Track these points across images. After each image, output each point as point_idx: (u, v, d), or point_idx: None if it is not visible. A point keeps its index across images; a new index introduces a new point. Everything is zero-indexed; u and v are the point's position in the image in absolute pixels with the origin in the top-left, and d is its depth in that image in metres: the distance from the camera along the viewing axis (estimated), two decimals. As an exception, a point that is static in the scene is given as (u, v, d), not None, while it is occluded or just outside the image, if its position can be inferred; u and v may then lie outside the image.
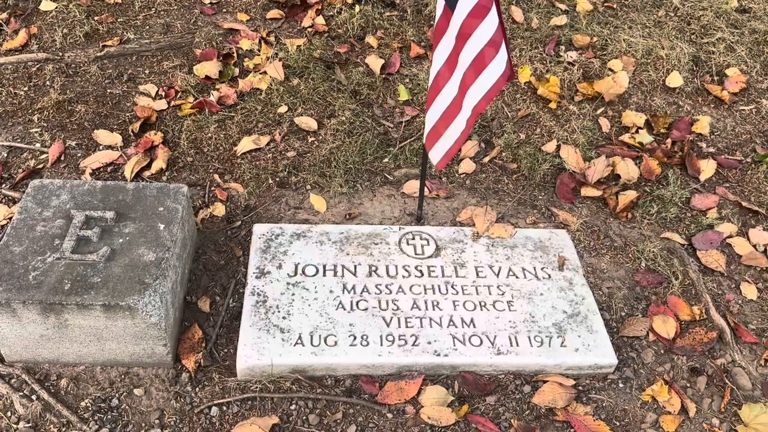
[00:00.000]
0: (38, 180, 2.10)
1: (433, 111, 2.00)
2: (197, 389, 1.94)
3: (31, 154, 2.62)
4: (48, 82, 2.93)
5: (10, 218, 2.30)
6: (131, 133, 2.71)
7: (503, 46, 1.65)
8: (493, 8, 1.64)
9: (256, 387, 1.95)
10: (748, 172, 2.83)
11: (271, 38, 3.26)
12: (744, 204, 2.67)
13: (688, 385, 2.08)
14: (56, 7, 3.31)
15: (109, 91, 2.93)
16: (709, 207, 2.65)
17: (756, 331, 2.24)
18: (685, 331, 2.21)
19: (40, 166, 2.56)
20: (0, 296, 1.75)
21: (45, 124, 2.74)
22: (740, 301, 2.33)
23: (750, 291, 2.36)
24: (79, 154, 2.62)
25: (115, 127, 2.75)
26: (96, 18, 3.28)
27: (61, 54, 3.09)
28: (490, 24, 1.64)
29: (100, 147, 2.66)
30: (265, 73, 3.02)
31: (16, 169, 2.55)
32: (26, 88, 2.90)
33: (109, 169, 2.57)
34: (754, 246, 2.52)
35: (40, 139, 2.68)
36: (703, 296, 2.31)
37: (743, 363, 2.14)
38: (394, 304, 2.11)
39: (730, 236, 2.54)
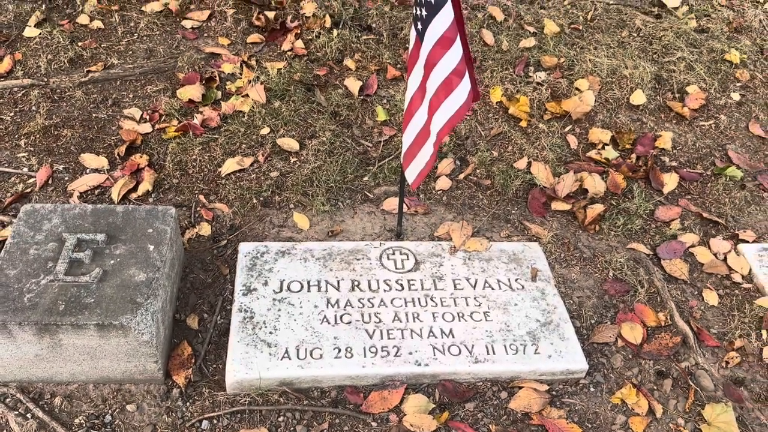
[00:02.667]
0: (30, 204, 2.17)
1: (407, 134, 2.12)
2: (188, 404, 2.01)
3: (18, 179, 2.68)
4: (34, 108, 3.00)
5: (1, 241, 2.35)
6: (117, 157, 2.79)
7: (467, 75, 1.78)
8: (458, 39, 1.77)
9: (245, 400, 2.02)
10: (709, 185, 3.00)
11: (252, 62, 3.37)
12: (705, 215, 2.82)
13: (655, 387, 2.20)
14: (40, 34, 3.37)
15: (94, 115, 3.00)
16: (672, 218, 2.80)
17: (717, 335, 2.38)
18: (651, 336, 2.34)
19: (28, 190, 2.63)
20: (-4, 318, 1.81)
21: (32, 149, 2.81)
22: (702, 307, 2.48)
23: (711, 297, 2.50)
24: (66, 178, 2.69)
25: (101, 150, 2.83)
26: (80, 44, 3.36)
27: (46, 79, 3.15)
28: (454, 54, 1.77)
29: (87, 170, 2.73)
30: (247, 96, 3.12)
31: (4, 193, 2.61)
32: (12, 114, 2.97)
33: (96, 192, 2.64)
34: (715, 254, 2.67)
35: (28, 163, 2.74)
36: (667, 303, 2.45)
37: (706, 365, 2.27)
38: (377, 317, 2.21)
39: (693, 246, 2.69)
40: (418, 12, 1.82)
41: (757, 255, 2.65)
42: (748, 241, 2.73)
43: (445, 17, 1.73)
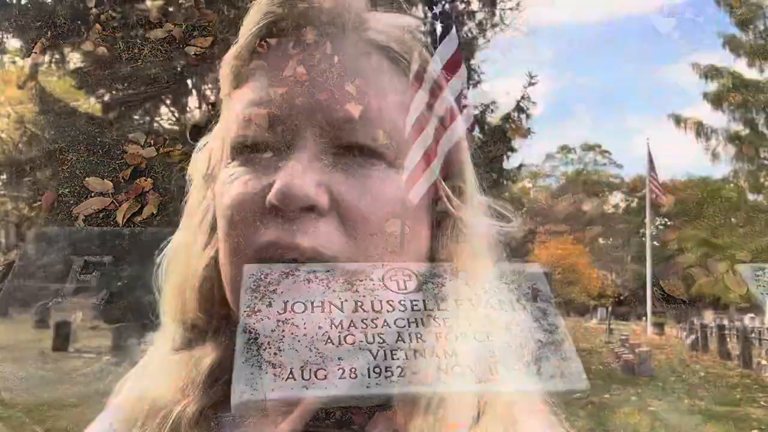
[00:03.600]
0: (37, 227, 2.20)
1: (410, 156, 2.17)
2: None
3: (24, 202, 2.71)
4: (39, 132, 3.04)
5: (6, 264, 2.38)
6: (122, 180, 2.82)
7: (471, 99, 1.84)
8: (463, 65, 1.83)
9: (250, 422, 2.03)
10: (704, 207, 3.05)
11: (255, 87, 3.43)
12: (702, 236, 2.86)
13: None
14: (46, 60, 3.43)
15: (99, 139, 3.05)
16: (670, 239, 2.84)
17: (714, 349, 2.40)
18: (651, 354, 2.36)
19: (34, 213, 2.66)
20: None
21: (37, 173, 2.84)
22: (699, 324, 2.50)
23: (707, 315, 2.53)
24: (71, 201, 2.72)
25: (106, 174, 2.86)
26: (85, 70, 3.42)
27: (51, 105, 3.20)
28: (460, 78, 1.83)
29: (92, 194, 2.76)
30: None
31: (11, 216, 2.64)
32: (18, 138, 3.01)
33: (101, 215, 2.67)
34: (713, 274, 2.71)
35: (33, 187, 2.77)
36: (666, 321, 2.47)
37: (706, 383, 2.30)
38: (380, 337, 2.22)
39: (690, 266, 2.72)
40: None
41: (753, 275, 2.68)
42: (744, 261, 2.77)
43: (451, 42, 1.78)
